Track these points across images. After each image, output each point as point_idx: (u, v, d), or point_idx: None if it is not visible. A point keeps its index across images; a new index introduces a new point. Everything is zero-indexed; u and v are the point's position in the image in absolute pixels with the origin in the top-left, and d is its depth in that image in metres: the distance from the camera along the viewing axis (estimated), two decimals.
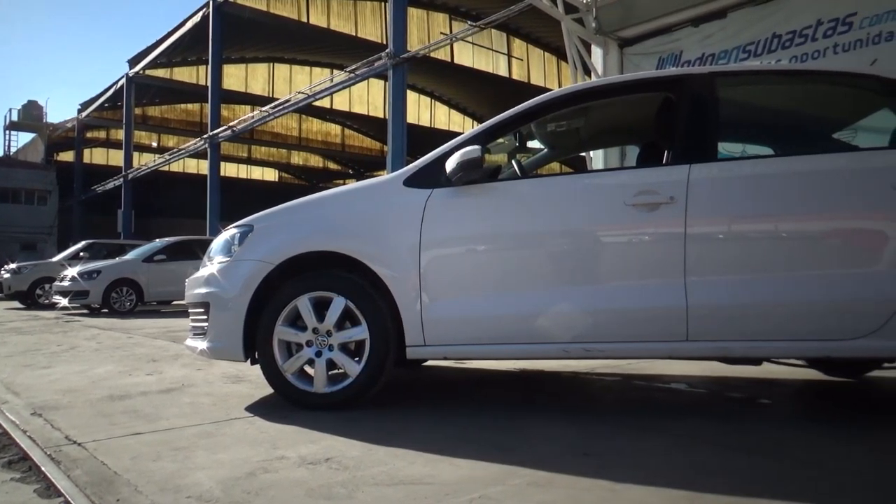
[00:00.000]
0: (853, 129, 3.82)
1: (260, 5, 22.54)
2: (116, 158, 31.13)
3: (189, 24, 22.32)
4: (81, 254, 14.65)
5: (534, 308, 2.75)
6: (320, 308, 2.89)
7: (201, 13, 21.41)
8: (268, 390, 3.18)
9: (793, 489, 1.86)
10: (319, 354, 2.89)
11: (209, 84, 21.94)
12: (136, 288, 11.52)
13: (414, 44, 19.88)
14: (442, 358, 2.96)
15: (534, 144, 3.91)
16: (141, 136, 31.08)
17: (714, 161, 2.79)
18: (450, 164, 2.83)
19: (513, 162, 3.39)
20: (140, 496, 1.87)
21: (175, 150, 26.27)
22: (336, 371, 2.93)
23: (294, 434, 2.52)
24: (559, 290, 2.76)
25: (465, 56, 26.57)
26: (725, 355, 2.76)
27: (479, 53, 26.88)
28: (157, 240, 13.13)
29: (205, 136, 22.05)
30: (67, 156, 34.02)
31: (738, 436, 2.47)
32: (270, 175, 38.65)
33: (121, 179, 27.86)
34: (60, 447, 2.38)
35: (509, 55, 27.70)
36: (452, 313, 2.80)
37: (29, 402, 3.23)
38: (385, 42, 17.51)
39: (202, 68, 26.36)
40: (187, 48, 24.05)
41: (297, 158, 36.76)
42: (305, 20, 24.14)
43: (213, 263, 3.14)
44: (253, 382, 3.66)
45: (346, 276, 2.91)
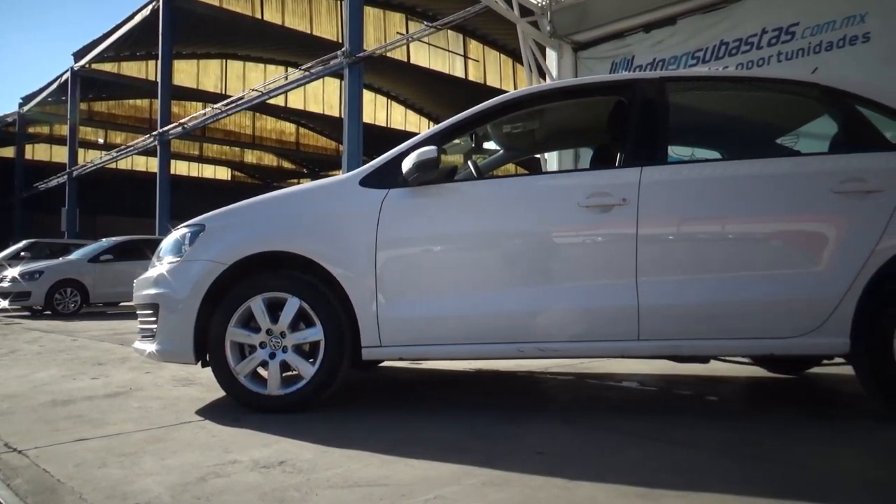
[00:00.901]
0: (795, 135, 3.97)
1: (213, 0, 22.07)
2: (60, 155, 30.01)
3: (138, 18, 21.70)
4: (23, 253, 14.12)
5: (489, 308, 2.77)
6: (274, 309, 2.85)
7: (151, 7, 20.84)
8: (219, 393, 3.12)
9: (740, 483, 1.92)
10: (273, 356, 2.84)
11: (159, 80, 21.37)
12: (81, 289, 11.14)
13: (370, 43, 19.77)
14: (398, 358, 2.95)
15: (490, 146, 3.94)
16: (87, 133, 30.05)
17: (664, 164, 2.87)
18: (406, 165, 2.83)
19: (469, 163, 3.41)
20: None
21: (123, 147, 25.48)
22: (290, 373, 2.89)
23: (247, 437, 2.48)
24: (514, 291, 2.79)
25: (422, 56, 26.57)
26: (675, 354, 2.83)
27: (436, 54, 26.91)
28: (104, 239, 12.73)
29: (154, 133, 21.46)
30: (8, 152, 32.65)
31: (687, 432, 2.53)
32: (223, 174, 37.89)
33: (65, 177, 26.90)
34: (0, 455, 2.29)
35: (465, 56, 27.82)
36: (408, 313, 2.80)
37: None
38: (341, 41, 17.36)
39: (152, 63, 25.66)
40: (136, 42, 23.38)
41: (251, 157, 36.14)
42: (260, 17, 23.74)
43: (163, 264, 3.06)
44: (204, 385, 3.59)
45: (301, 277, 2.87)
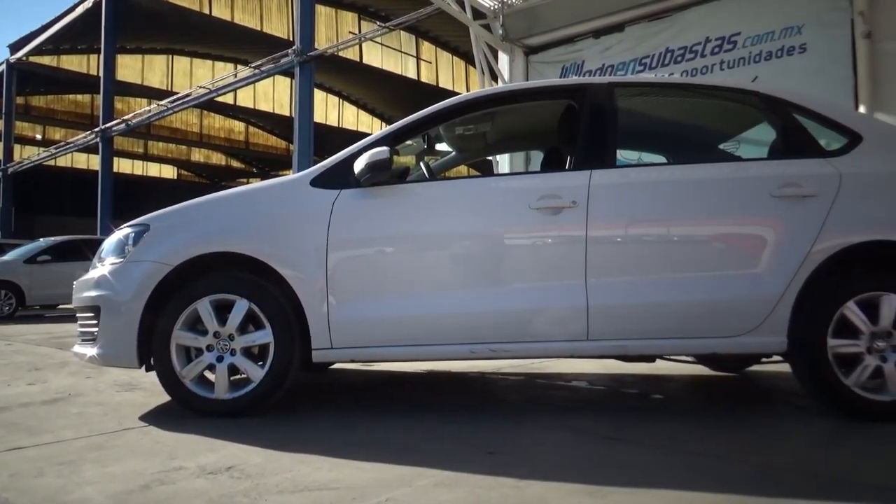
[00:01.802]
0: (737, 141, 4.11)
1: None
2: None
3: (80, 10, 20.95)
4: None
5: (441, 309, 2.77)
6: (222, 311, 2.79)
7: None
8: (164, 398, 3.04)
9: (684, 479, 1.98)
10: (221, 359, 2.78)
11: (101, 75, 20.68)
12: (17, 291, 10.67)
13: (322, 42, 19.58)
14: (349, 360, 2.93)
15: (442, 147, 3.96)
16: (23, 128, 28.79)
17: (613, 167, 2.93)
18: (358, 165, 2.81)
19: (421, 164, 3.41)
20: None
21: (62, 144, 24.53)
22: (238, 376, 2.84)
23: (193, 443, 2.42)
24: (466, 292, 2.81)
25: (374, 57, 26.45)
26: (623, 353, 2.89)
27: (388, 55, 26.83)
28: (41, 239, 12.23)
29: (96, 130, 20.75)
30: None
31: (634, 430, 2.59)
32: (168, 172, 36.88)
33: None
34: None
35: (418, 58, 27.83)
36: (360, 315, 2.78)
37: None
38: (291, 39, 17.13)
39: (94, 57, 24.80)
40: (77, 35, 22.56)
41: (198, 155, 35.29)
42: (208, 12, 23.24)
43: (105, 265, 2.96)
44: (148, 390, 3.49)
45: (250, 278, 2.82)
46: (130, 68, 26.63)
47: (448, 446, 2.35)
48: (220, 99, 20.31)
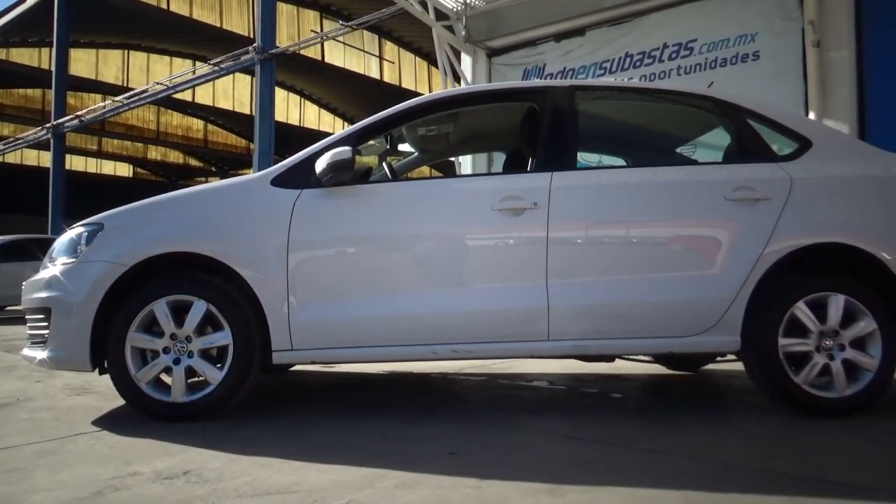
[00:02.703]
0: (693, 145, 4.21)
1: None
2: None
3: (30, 2, 20.28)
4: None
5: (402, 310, 2.77)
6: (179, 312, 2.73)
7: None
8: (118, 402, 2.96)
9: (641, 477, 2.01)
10: (178, 362, 2.73)
11: (53, 69, 20.05)
12: None
13: (283, 40, 19.36)
14: (310, 362, 2.90)
15: (405, 148, 3.95)
16: None
17: (574, 170, 2.97)
18: (320, 165, 2.79)
19: (383, 164, 3.40)
20: None
21: (11, 140, 23.67)
22: (196, 379, 2.78)
23: (148, 448, 2.36)
24: (427, 293, 2.81)
25: (337, 56, 26.24)
26: (583, 353, 2.93)
27: (351, 54, 26.65)
28: None
29: (48, 126, 20.08)
30: None
31: (594, 429, 2.63)
32: (124, 170, 35.95)
33: None
34: None
35: (381, 58, 27.72)
36: (321, 316, 2.76)
37: None
38: (252, 36, 16.90)
39: (46, 51, 24.03)
40: (27, 28, 21.82)
41: (155, 153, 34.49)
42: (166, 7, 22.73)
43: (56, 265, 2.87)
44: (101, 394, 3.39)
45: (208, 279, 2.77)
46: (84, 63, 25.89)
47: (410, 447, 2.35)
48: (179, 96, 19.92)
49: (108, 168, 35.08)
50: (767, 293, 2.77)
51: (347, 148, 2.78)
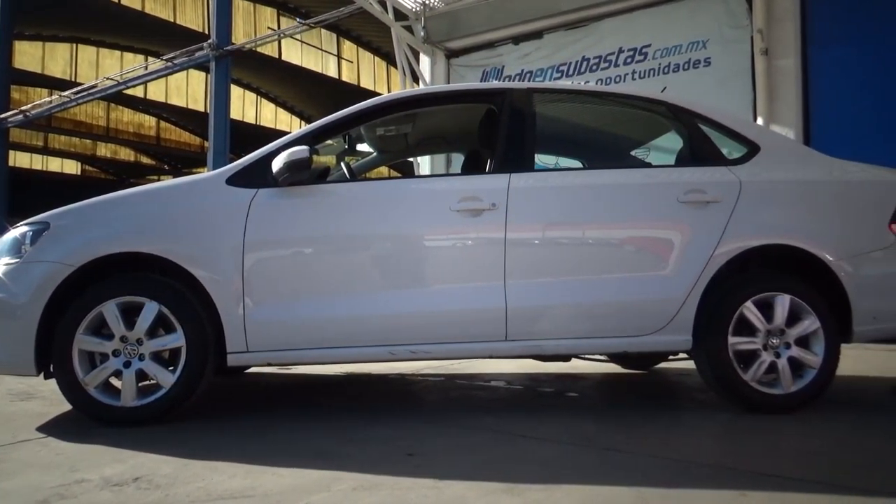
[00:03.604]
0: (647, 148, 4.31)
1: None
2: None
3: None
4: None
5: (361, 311, 2.75)
6: (130, 314, 2.66)
7: None
8: (65, 407, 2.87)
9: (597, 473, 2.05)
10: (128, 365, 2.65)
11: None
12: None
13: (239, 36, 19.02)
14: (266, 364, 2.86)
15: (363, 148, 3.93)
16: None
17: (531, 171, 2.99)
18: (276, 164, 2.75)
19: (341, 164, 3.38)
20: None
21: None
22: (147, 382, 2.71)
23: (97, 454, 2.29)
24: (386, 293, 2.80)
25: (294, 54, 25.91)
26: (539, 353, 2.97)
27: (309, 52, 26.36)
28: None
29: None
30: None
31: (550, 428, 2.66)
32: (72, 167, 34.80)
33: None
34: None
35: (339, 57, 27.49)
36: (278, 317, 2.72)
37: None
38: (207, 32, 16.56)
39: None
40: None
41: (105, 150, 33.46)
42: (116, 0, 22.11)
43: None
44: (47, 399, 3.28)
45: (161, 280, 2.71)
46: (30, 56, 24.97)
47: (367, 449, 2.34)
48: (130, 92, 19.37)
49: (55, 165, 33.92)
50: (718, 293, 2.85)
51: (305, 147, 2.75)
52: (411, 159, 7.51)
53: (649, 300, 2.83)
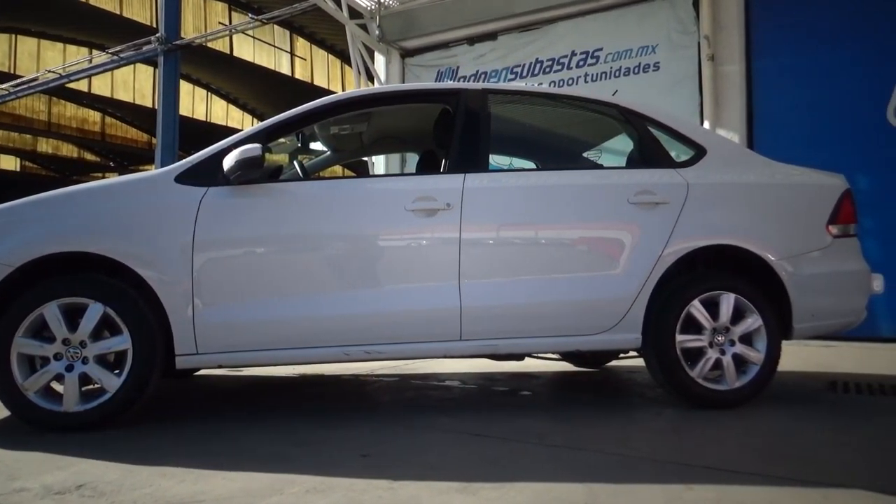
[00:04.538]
0: (599, 150, 4.38)
1: None
2: None
3: None
4: None
5: (314, 311, 2.73)
6: (73, 316, 2.57)
7: None
8: (3, 413, 2.75)
9: (550, 471, 2.08)
10: (71, 368, 2.57)
11: None
12: None
13: (189, 31, 18.59)
14: (216, 366, 2.81)
15: (316, 146, 3.89)
16: None
17: (486, 171, 3.02)
18: (227, 162, 2.70)
19: (295, 163, 3.34)
20: None
21: None
22: (91, 386, 2.63)
23: (37, 461, 2.21)
24: (339, 294, 2.78)
25: (246, 50, 25.44)
26: (494, 353, 2.99)
27: (261, 49, 25.92)
28: None
29: None
30: None
31: (503, 426, 2.68)
32: (10, 164, 33.39)
33: None
34: None
35: (292, 54, 27.11)
36: (228, 318, 2.67)
37: None
38: (154, 25, 16.13)
39: None
40: None
41: (46, 146, 32.22)
42: None
43: None
44: None
45: (105, 280, 2.63)
46: None
47: (320, 451, 2.32)
48: (73, 86, 18.72)
49: None
50: (666, 292, 2.92)
51: (257, 145, 2.71)
52: (366, 159, 7.46)
53: (601, 299, 2.88)
